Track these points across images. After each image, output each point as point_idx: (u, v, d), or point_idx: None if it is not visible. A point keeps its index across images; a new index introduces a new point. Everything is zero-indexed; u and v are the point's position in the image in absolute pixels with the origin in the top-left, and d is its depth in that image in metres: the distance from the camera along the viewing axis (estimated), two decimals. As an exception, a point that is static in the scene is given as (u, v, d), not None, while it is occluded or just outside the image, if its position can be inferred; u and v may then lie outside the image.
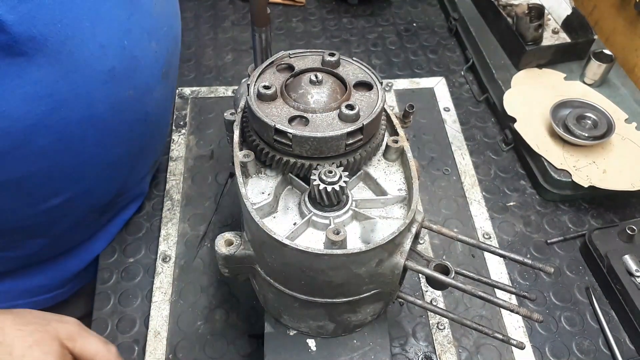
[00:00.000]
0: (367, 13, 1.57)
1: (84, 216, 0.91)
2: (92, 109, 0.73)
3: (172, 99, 1.07)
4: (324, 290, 0.62)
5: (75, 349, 0.68)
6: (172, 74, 0.96)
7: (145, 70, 0.81)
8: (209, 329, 0.91)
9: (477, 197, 1.10)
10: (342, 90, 0.64)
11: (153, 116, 0.91)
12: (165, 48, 0.86)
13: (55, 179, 0.78)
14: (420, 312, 0.93)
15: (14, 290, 0.95)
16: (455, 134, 1.22)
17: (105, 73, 0.72)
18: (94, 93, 0.72)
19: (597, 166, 1.07)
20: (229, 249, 0.62)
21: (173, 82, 1.00)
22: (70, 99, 0.69)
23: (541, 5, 1.28)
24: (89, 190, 0.87)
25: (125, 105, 0.80)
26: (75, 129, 0.73)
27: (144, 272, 0.98)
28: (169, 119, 1.08)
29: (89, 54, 0.69)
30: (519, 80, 1.24)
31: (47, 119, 0.68)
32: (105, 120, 0.78)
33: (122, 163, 0.91)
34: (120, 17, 0.73)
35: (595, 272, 0.99)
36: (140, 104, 0.84)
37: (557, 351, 0.90)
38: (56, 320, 0.69)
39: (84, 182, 0.83)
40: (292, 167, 0.61)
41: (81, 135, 0.75)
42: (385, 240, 0.55)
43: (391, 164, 0.67)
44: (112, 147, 0.84)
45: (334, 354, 0.73)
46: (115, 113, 0.79)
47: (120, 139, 0.84)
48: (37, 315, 0.69)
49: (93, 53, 0.69)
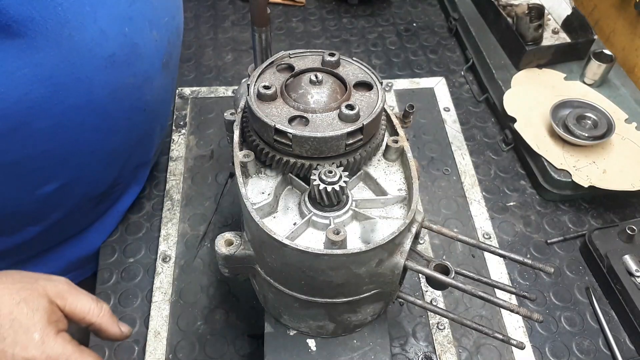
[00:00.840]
0: (367, 13, 1.57)
1: (80, 204, 0.91)
2: (91, 94, 0.73)
3: (173, 90, 1.07)
4: (324, 290, 0.62)
5: (65, 307, 0.65)
6: (173, 65, 0.96)
7: (146, 58, 0.81)
8: (209, 329, 0.91)
9: (477, 197, 1.10)
10: (342, 90, 0.64)
11: (152, 105, 0.91)
12: (166, 38, 0.86)
13: (51, 164, 0.77)
14: (420, 312, 0.93)
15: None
16: (455, 134, 1.22)
17: (105, 59, 0.72)
18: (94, 78, 0.72)
19: (597, 166, 1.07)
20: (229, 249, 0.62)
21: (174, 73, 1.00)
22: (70, 83, 0.69)
23: (541, 5, 1.28)
24: (85, 178, 0.86)
25: (124, 92, 0.80)
26: (73, 114, 0.72)
27: (144, 272, 0.98)
28: (168, 111, 1.08)
29: (89, 38, 0.68)
30: (519, 80, 1.24)
31: (46, 103, 0.68)
32: (104, 107, 0.77)
33: (119, 151, 0.90)
34: (122, 4, 0.73)
35: (595, 272, 0.99)
36: (139, 92, 0.84)
37: (557, 351, 0.90)
38: (44, 278, 0.67)
39: (80, 168, 0.83)
40: (292, 167, 0.61)
41: (79, 121, 0.75)
42: (385, 240, 0.55)
43: (391, 164, 0.67)
44: (110, 135, 0.84)
45: (334, 354, 0.73)
46: (114, 100, 0.79)
47: (118, 126, 0.84)
48: (25, 275, 0.67)
49: (93, 38, 0.69)
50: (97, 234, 1.01)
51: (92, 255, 1.02)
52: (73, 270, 1.03)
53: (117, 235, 1.03)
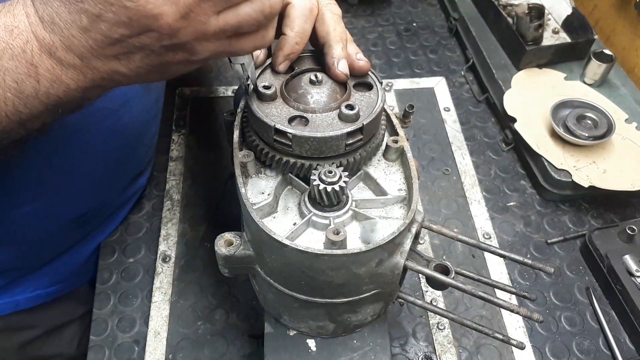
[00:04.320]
0: (367, 13, 1.57)
1: (62, 226, 0.90)
2: (62, 119, 0.72)
3: (157, 110, 1.04)
4: (323, 290, 0.62)
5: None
6: (156, 86, 0.94)
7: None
8: (209, 329, 0.91)
9: (477, 197, 1.10)
10: (342, 90, 0.64)
11: (131, 129, 0.89)
12: None
13: (26, 185, 0.76)
14: (421, 312, 0.93)
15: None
16: (455, 134, 1.22)
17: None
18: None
19: (597, 166, 1.07)
20: (228, 249, 0.62)
21: (158, 92, 0.97)
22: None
23: (541, 5, 1.28)
24: (64, 199, 0.85)
25: (98, 117, 0.78)
26: (49, 136, 0.71)
27: (144, 272, 0.98)
28: (153, 131, 1.06)
29: None
30: (519, 80, 1.24)
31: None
32: (78, 132, 0.76)
33: (99, 174, 0.89)
34: None
35: (595, 272, 0.99)
36: (115, 117, 0.82)
37: (557, 351, 0.90)
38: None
39: (60, 190, 0.82)
40: (292, 167, 0.61)
41: (55, 143, 0.73)
42: (385, 241, 0.55)
43: (391, 164, 0.67)
44: (88, 158, 0.82)
45: (334, 354, 0.73)
46: (88, 125, 0.77)
47: (95, 150, 0.83)
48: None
49: None
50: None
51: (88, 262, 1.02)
52: (66, 280, 1.03)
53: (117, 235, 1.03)
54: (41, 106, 0.52)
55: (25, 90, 0.50)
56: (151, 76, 0.53)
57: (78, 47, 0.48)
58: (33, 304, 0.99)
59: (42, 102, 0.52)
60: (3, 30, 0.49)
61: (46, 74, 0.50)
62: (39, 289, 0.99)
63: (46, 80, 0.50)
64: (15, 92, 0.50)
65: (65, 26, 0.47)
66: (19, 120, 0.52)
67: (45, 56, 0.49)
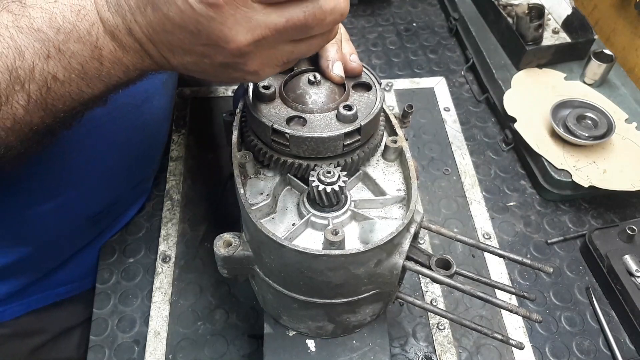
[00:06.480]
0: (367, 13, 1.57)
1: (77, 224, 0.90)
2: (89, 113, 0.73)
3: (170, 109, 1.07)
4: (322, 290, 0.62)
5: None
6: (172, 83, 0.95)
7: (146, 78, 0.81)
8: (209, 329, 0.91)
9: (477, 197, 1.10)
10: (341, 90, 0.64)
11: (151, 124, 0.90)
12: None
13: (45, 183, 0.76)
14: (420, 312, 0.93)
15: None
16: (455, 134, 1.22)
17: None
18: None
19: (597, 166, 1.07)
20: (227, 249, 0.62)
21: (172, 91, 0.99)
22: None
23: (541, 5, 1.27)
24: (82, 196, 0.85)
25: (122, 112, 0.79)
26: (70, 132, 0.72)
27: (144, 272, 0.98)
28: (167, 128, 1.08)
29: None
30: (519, 80, 1.24)
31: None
32: (102, 127, 0.77)
33: (117, 170, 0.89)
34: None
35: (595, 272, 0.99)
36: (138, 112, 0.83)
37: (557, 351, 0.90)
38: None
39: (76, 187, 0.82)
40: (290, 168, 0.61)
41: (76, 139, 0.74)
42: (383, 241, 0.55)
43: (390, 164, 0.67)
44: (108, 154, 0.83)
45: (334, 355, 0.73)
46: (112, 119, 0.78)
47: (117, 146, 0.83)
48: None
49: None
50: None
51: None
52: (70, 283, 1.03)
53: (117, 235, 1.03)
54: (102, 86, 0.53)
55: (89, 71, 0.51)
56: (199, 75, 0.54)
57: (138, 32, 0.49)
58: (43, 304, 1.00)
59: (104, 82, 0.53)
60: (69, 10, 0.49)
61: (109, 55, 0.51)
62: (48, 290, 1.00)
63: (108, 62, 0.51)
64: (79, 73, 0.50)
65: (130, 10, 0.48)
66: (81, 100, 0.53)
67: (109, 38, 0.50)
